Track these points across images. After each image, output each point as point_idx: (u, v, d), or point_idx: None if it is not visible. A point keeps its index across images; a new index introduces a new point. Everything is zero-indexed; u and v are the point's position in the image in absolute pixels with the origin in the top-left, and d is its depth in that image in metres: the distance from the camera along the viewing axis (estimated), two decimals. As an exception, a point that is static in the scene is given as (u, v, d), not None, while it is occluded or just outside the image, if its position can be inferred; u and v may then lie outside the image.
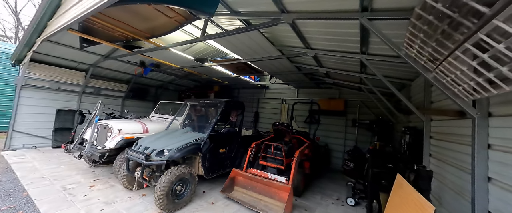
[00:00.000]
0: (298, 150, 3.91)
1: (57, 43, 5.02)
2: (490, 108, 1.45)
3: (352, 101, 7.02)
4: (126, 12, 3.28)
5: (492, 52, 0.91)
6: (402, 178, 1.88)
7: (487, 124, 1.44)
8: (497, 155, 1.33)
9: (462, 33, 1.01)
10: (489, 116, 1.44)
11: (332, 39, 3.13)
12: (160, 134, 3.75)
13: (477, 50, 0.97)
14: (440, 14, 1.02)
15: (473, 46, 0.98)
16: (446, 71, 1.40)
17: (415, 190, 1.47)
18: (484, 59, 0.97)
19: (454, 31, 1.04)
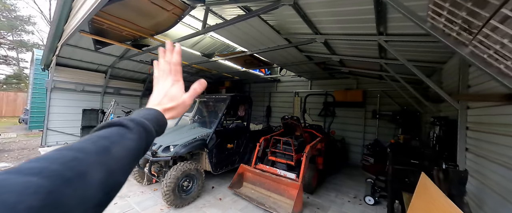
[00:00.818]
0: (308, 145, 3.66)
1: (76, 47, 5.37)
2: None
3: (372, 91, 6.41)
4: (128, 10, 3.30)
5: None
6: (427, 178, 1.56)
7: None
8: None
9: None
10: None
11: (342, 20, 2.77)
12: (168, 130, 3.80)
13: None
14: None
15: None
16: (487, 41, 1.06)
17: (444, 195, 1.18)
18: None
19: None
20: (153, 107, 0.49)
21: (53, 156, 0.27)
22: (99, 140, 0.33)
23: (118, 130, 0.37)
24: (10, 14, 19.64)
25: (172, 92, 0.53)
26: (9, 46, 20.14)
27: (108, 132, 0.36)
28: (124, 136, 0.37)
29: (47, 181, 0.23)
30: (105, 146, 0.33)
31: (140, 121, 0.41)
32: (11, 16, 19.66)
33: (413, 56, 3.44)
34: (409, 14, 1.49)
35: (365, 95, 6.51)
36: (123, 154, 0.34)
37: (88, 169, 0.28)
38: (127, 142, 0.36)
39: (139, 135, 0.39)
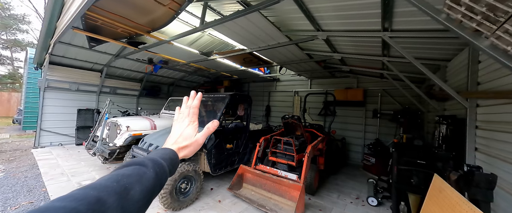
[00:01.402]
0: (310, 145, 3.56)
1: (70, 45, 5.20)
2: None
3: (373, 90, 6.33)
4: (123, 5, 3.16)
5: None
6: (443, 181, 1.46)
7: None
8: None
9: None
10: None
11: (346, 15, 2.67)
12: (165, 131, 3.67)
13: None
14: None
15: None
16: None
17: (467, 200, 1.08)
18: None
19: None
20: (169, 147, 0.54)
21: (79, 197, 0.29)
22: (121, 179, 0.36)
23: (139, 169, 0.41)
24: (4, 12, 19.25)
25: (187, 132, 0.59)
26: (3, 45, 19.74)
27: (129, 171, 0.39)
28: (143, 175, 0.40)
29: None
30: (126, 187, 0.35)
31: (157, 161, 0.45)
32: (4, 14, 19.27)
33: (417, 53, 3.36)
34: (423, 5, 1.39)
35: (365, 94, 6.44)
36: (141, 195, 0.37)
37: (109, 210, 0.31)
38: (145, 182, 0.39)
39: (156, 175, 0.42)
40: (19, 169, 4.23)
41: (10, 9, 19.63)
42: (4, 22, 18.82)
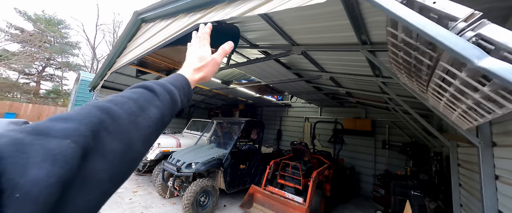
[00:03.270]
0: (315, 171, 3.92)
1: (120, 74, 6.45)
2: (493, 138, 1.41)
3: (381, 121, 6.59)
4: (169, 49, 4.18)
5: (452, 88, 1.06)
6: (408, 208, 1.81)
7: (492, 154, 1.40)
8: (505, 188, 1.26)
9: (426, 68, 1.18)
10: (493, 145, 1.40)
11: (343, 64, 3.32)
12: (190, 149, 4.32)
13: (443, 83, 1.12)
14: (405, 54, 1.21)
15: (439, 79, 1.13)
16: (438, 94, 1.40)
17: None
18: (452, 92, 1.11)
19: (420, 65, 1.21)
20: (182, 73, 0.49)
21: (82, 115, 0.26)
22: (127, 102, 0.32)
23: (147, 94, 0.36)
24: (62, 40, 23.41)
25: (200, 53, 0.56)
26: (56, 66, 23.47)
27: (138, 94, 0.35)
28: (151, 102, 0.35)
29: (76, 147, 0.23)
30: (132, 112, 0.32)
31: (169, 89, 0.40)
32: (63, 41, 23.39)
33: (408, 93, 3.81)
34: (382, 67, 1.98)
35: (374, 124, 6.69)
36: (146, 124, 0.33)
37: (110, 138, 0.27)
38: (153, 110, 0.35)
39: (165, 104, 0.38)
40: (67, 175, 5.05)
41: (67, 37, 23.87)
42: (62, 47, 22.75)
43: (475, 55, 0.71)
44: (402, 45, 1.16)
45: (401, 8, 0.91)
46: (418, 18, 0.86)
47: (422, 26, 0.83)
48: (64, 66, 22.81)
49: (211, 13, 2.15)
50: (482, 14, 0.73)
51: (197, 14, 2.35)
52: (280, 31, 2.65)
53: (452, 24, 0.78)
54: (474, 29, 0.74)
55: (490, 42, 0.70)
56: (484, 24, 0.72)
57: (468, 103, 1.02)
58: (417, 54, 1.10)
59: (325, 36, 2.45)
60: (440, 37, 0.79)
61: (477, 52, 0.71)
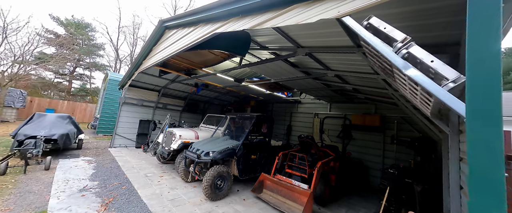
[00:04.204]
0: (320, 161, 4.27)
1: (145, 73, 7.22)
2: (460, 127, 1.68)
3: (390, 116, 6.65)
4: (190, 52, 4.72)
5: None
6: (387, 192, 2.13)
7: (459, 140, 1.67)
8: (465, 167, 1.53)
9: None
10: (460, 133, 1.67)
11: (346, 63, 3.59)
12: (207, 140, 4.88)
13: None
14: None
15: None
16: (404, 87, 1.76)
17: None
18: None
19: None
20: None
21: None
22: None
23: None
24: (89, 42, 25.55)
25: None
26: (85, 66, 25.78)
27: None
28: None
29: None
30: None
31: None
32: (90, 43, 25.54)
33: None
34: (370, 65, 2.27)
35: (383, 120, 6.77)
36: None
37: None
38: None
39: None
40: (105, 161, 5.93)
41: (93, 40, 25.99)
42: (89, 49, 24.87)
43: (403, 66, 1.07)
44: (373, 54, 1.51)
45: (364, 31, 1.27)
46: (373, 38, 1.22)
47: (374, 44, 1.20)
48: (91, 66, 24.98)
49: (228, 24, 2.58)
50: (411, 38, 1.08)
51: (216, 24, 2.79)
52: (286, 36, 3.02)
53: (395, 44, 1.14)
54: (407, 48, 1.09)
55: (414, 57, 1.06)
56: (412, 45, 1.08)
57: (418, 94, 1.36)
58: (381, 61, 1.44)
59: (325, 40, 2.77)
60: (385, 53, 1.15)
61: (405, 65, 1.07)
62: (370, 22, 1.26)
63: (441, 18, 1.48)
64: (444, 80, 0.97)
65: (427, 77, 1.00)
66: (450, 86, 0.94)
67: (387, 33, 1.18)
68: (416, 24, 1.65)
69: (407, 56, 1.08)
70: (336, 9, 1.41)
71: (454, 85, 0.93)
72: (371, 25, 1.26)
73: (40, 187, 3.79)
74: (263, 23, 1.99)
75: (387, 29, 1.18)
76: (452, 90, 0.93)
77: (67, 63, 22.51)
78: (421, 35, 1.80)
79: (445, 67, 0.97)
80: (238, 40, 3.37)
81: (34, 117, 6.01)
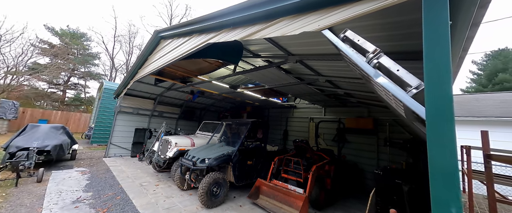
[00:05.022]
0: (315, 165, 4.34)
1: (141, 82, 7.27)
2: None
3: (382, 119, 6.83)
4: (185, 61, 4.84)
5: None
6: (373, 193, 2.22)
7: None
8: None
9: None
10: None
11: (336, 69, 3.75)
12: (203, 147, 4.92)
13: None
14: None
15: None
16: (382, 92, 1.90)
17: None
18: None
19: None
20: None
21: None
22: None
23: None
24: (85, 51, 25.52)
25: None
26: (79, 76, 25.59)
27: None
28: None
29: None
30: None
31: None
32: (85, 53, 25.49)
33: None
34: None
35: (376, 123, 6.94)
36: None
37: None
38: None
39: None
40: (99, 171, 5.85)
41: (89, 49, 25.97)
42: (84, 58, 24.79)
43: (374, 75, 1.19)
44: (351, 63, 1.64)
45: (341, 43, 1.41)
46: (349, 50, 1.35)
47: (350, 55, 1.33)
48: (86, 75, 24.80)
49: (220, 34, 2.71)
50: (381, 50, 1.21)
51: (210, 34, 2.93)
52: (277, 45, 3.17)
53: (367, 54, 1.27)
54: (377, 58, 1.22)
55: (383, 66, 1.18)
56: (381, 55, 1.20)
57: (392, 98, 1.48)
58: (358, 69, 1.57)
59: (313, 48, 2.93)
60: (359, 63, 1.28)
61: (376, 73, 1.19)
62: (346, 34, 1.40)
63: (404, 30, 1.63)
64: (408, 87, 1.09)
65: (394, 85, 1.12)
66: (413, 92, 1.06)
67: (360, 45, 1.31)
68: (385, 34, 1.81)
69: (378, 65, 1.20)
70: (317, 22, 1.55)
71: (416, 91, 1.05)
72: (347, 38, 1.39)
73: (32, 200, 3.73)
74: (253, 34, 2.12)
75: (360, 41, 1.31)
76: (415, 95, 1.05)
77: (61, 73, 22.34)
78: (391, 44, 1.96)
79: (409, 76, 1.09)
80: (231, 49, 3.51)
81: (27, 128, 5.94)
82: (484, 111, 6.88)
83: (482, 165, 2.04)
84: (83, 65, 24.94)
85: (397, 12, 1.48)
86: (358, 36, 1.34)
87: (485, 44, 37.47)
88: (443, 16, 0.97)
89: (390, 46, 2.03)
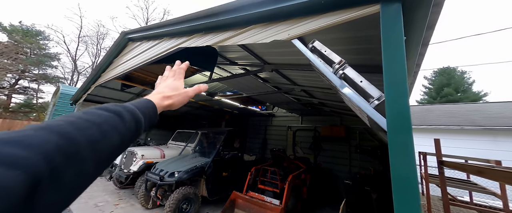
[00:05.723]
0: (291, 175, 4.31)
1: (104, 87, 6.54)
2: None
3: (353, 127, 7.27)
4: (156, 66, 4.51)
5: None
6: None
7: None
8: None
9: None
10: None
11: (310, 79, 3.88)
12: (173, 159, 4.52)
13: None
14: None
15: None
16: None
17: None
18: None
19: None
20: (151, 99, 0.49)
21: (35, 142, 0.23)
22: (90, 128, 0.30)
23: (113, 120, 0.35)
24: (40, 51, 22.46)
25: (174, 84, 0.58)
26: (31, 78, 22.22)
27: (103, 118, 0.34)
28: (116, 128, 0.34)
29: (25, 179, 0.20)
30: (94, 139, 0.30)
31: (137, 117, 0.39)
32: (40, 53, 22.43)
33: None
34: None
35: (348, 131, 7.35)
36: (105, 150, 0.32)
37: (65, 167, 0.25)
38: (115, 137, 0.34)
39: (128, 132, 0.37)
40: (43, 191, 4.91)
41: (46, 49, 22.95)
42: (39, 59, 21.75)
43: (340, 85, 1.19)
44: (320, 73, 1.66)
45: (309, 53, 1.40)
46: (316, 60, 1.35)
47: (317, 65, 1.32)
48: (40, 78, 21.66)
49: (192, 39, 2.58)
50: (345, 61, 1.23)
51: (181, 38, 2.76)
52: (252, 53, 3.15)
53: (334, 65, 1.28)
54: (343, 69, 1.23)
55: (348, 77, 1.19)
56: (346, 67, 1.22)
57: (357, 108, 1.52)
58: (326, 79, 1.60)
59: (288, 58, 2.98)
60: (326, 73, 1.28)
61: (341, 84, 1.19)
62: (314, 45, 1.40)
63: (365, 45, 1.75)
64: (371, 98, 1.10)
65: (359, 95, 1.13)
66: (375, 104, 1.07)
67: (327, 55, 1.32)
68: (349, 48, 1.92)
69: (344, 76, 1.21)
70: (287, 32, 1.54)
71: (378, 102, 1.06)
72: (315, 48, 1.40)
73: None
74: (225, 40, 2.04)
75: (327, 52, 1.32)
76: (377, 106, 1.06)
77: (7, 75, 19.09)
78: (354, 57, 2.09)
79: (371, 87, 1.11)
80: (206, 55, 3.38)
81: None
82: (435, 120, 7.86)
83: (436, 169, 2.22)
84: (37, 67, 21.82)
85: (358, 27, 1.56)
86: (325, 47, 1.35)
87: (433, 62, 44.23)
88: (398, 32, 1.02)
89: (354, 59, 2.15)
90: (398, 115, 0.94)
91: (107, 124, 0.34)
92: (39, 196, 0.22)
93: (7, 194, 0.18)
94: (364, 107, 1.08)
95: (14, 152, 0.21)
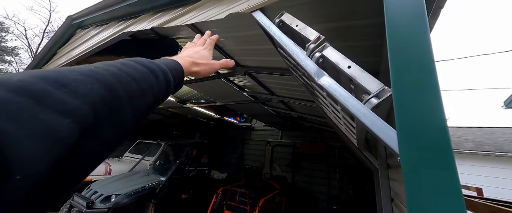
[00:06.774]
0: (263, 198, 3.68)
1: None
2: (388, 160, 1.53)
3: (332, 145, 7.01)
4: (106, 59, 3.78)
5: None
6: None
7: (388, 176, 1.50)
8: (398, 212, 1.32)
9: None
10: (388, 167, 1.51)
11: (288, 88, 3.49)
12: (117, 177, 3.61)
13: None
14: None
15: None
16: (328, 112, 1.50)
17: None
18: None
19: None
20: (180, 62, 0.45)
21: (86, 88, 0.22)
22: (131, 83, 0.29)
23: (150, 79, 0.33)
24: (-6, 43, 19.55)
25: (204, 53, 0.56)
26: (-25, 71, 18.92)
27: (140, 75, 0.32)
28: (152, 88, 0.33)
29: (76, 128, 0.20)
30: (133, 96, 0.29)
31: (168, 78, 0.37)
32: (-7, 44, 19.50)
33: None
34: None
35: (327, 148, 7.05)
36: (140, 110, 0.31)
37: (108, 122, 0.24)
38: (150, 97, 0.32)
39: (160, 93, 0.35)
40: None
41: (2, 42, 20.07)
42: (-10, 51, 18.81)
43: (316, 73, 0.72)
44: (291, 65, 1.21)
45: (274, 28, 0.94)
46: (283, 37, 0.88)
47: (284, 44, 0.85)
48: (-14, 72, 18.49)
49: (138, 22, 2.03)
50: (325, 37, 0.78)
51: (128, 22, 2.20)
52: (221, 51, 2.67)
53: (308, 44, 0.81)
54: (321, 50, 0.77)
55: (329, 61, 0.73)
56: (326, 46, 0.76)
57: (340, 116, 1.06)
58: (299, 71, 1.15)
59: (262, 59, 2.57)
60: (296, 55, 0.81)
61: (318, 72, 0.72)
62: (282, 19, 0.96)
63: (353, 22, 1.34)
64: (365, 94, 0.63)
65: (344, 89, 0.66)
66: (373, 103, 0.60)
67: (299, 31, 0.86)
68: (334, 25, 1.48)
69: (322, 61, 0.75)
70: (246, 3, 1.09)
71: (377, 100, 0.60)
72: (284, 24, 0.95)
73: None
74: (173, 20, 1.54)
75: (299, 26, 0.88)
76: (376, 108, 0.59)
77: None
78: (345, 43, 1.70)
79: (365, 75, 0.65)
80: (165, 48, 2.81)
81: None
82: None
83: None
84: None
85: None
86: (297, 21, 0.90)
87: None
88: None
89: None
90: (420, 125, 0.48)
91: (145, 82, 0.32)
92: (82, 149, 0.21)
93: (63, 144, 0.18)
94: (354, 109, 0.61)
95: (67, 99, 0.20)
